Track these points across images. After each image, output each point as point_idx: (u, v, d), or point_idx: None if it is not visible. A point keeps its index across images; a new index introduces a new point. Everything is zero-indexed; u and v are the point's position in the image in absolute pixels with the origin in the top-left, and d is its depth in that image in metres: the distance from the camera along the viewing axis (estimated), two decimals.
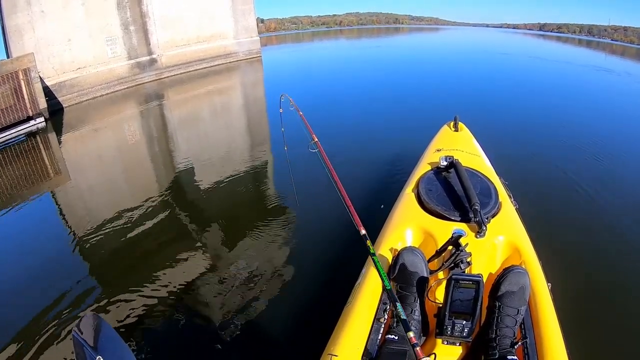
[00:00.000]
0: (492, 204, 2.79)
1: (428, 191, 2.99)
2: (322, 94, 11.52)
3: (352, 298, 2.22)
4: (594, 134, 7.55)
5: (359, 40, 33.36)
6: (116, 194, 5.82)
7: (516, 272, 1.93)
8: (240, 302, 3.34)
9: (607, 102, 10.58)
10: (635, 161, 6.39)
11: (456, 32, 41.89)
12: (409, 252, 2.12)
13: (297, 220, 4.71)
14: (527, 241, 2.59)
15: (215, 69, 16.44)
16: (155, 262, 3.98)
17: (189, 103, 11.84)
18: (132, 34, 13.18)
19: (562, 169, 5.85)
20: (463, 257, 2.18)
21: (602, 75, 15.78)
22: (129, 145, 8.17)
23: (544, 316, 1.99)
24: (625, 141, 7.26)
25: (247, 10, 17.83)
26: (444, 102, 9.84)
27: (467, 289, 1.84)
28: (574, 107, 9.78)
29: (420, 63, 18.26)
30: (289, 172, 5.88)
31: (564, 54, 25.38)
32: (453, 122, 4.45)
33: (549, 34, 44.70)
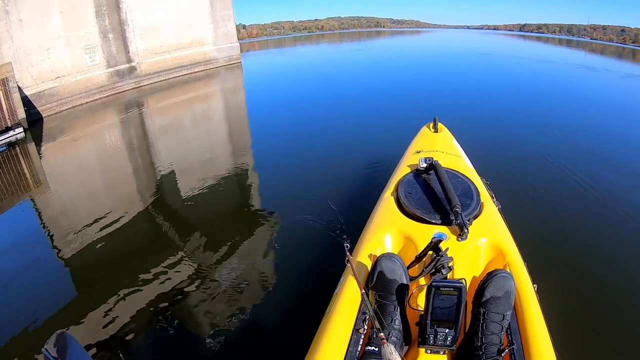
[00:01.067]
0: (473, 205, 2.76)
1: (407, 194, 2.95)
2: (303, 98, 11.90)
3: (331, 308, 2.18)
4: (575, 130, 7.78)
5: (341, 44, 33.80)
6: (97, 203, 5.83)
7: (500, 277, 1.88)
8: (220, 313, 3.38)
9: (588, 100, 10.98)
10: (618, 156, 6.52)
11: (437, 34, 42.68)
12: (386, 258, 2.04)
13: (278, 227, 4.75)
14: (510, 242, 2.56)
15: (195, 75, 16.59)
16: (137, 271, 4.01)
17: (170, 110, 11.96)
18: (111, 42, 13.29)
19: (544, 166, 6.00)
20: (444, 262, 2.17)
21: (583, 73, 16.35)
22: (109, 154, 8.25)
23: (531, 320, 1.97)
24: (607, 137, 7.50)
25: (226, 17, 18.04)
26: (425, 103, 10.23)
27: (449, 295, 1.79)
28: (555, 105, 10.12)
29: (401, 65, 18.77)
30: (271, 179, 6.22)
31: (545, 53, 26.17)
32: (432, 123, 4.43)
33: (529, 34, 45.59)
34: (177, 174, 6.62)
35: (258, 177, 6.36)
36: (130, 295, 3.67)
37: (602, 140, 7.21)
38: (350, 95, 11.83)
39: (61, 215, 5.56)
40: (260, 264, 4.06)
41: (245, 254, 4.25)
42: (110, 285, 3.84)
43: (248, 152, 7.57)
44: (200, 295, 3.63)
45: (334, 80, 14.86)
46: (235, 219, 5.19)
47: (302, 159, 6.74)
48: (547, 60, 20.45)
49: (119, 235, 4.77)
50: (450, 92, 11.87)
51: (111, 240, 4.68)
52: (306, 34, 45.85)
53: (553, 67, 17.87)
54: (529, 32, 46.85)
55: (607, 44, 38.01)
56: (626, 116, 9.26)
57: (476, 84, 13.27)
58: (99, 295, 3.70)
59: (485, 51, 24.03)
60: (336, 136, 7.94)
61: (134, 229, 4.96)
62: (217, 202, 5.64)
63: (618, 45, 36.88)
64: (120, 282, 3.87)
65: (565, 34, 43.94)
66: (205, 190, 5.84)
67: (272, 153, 7.24)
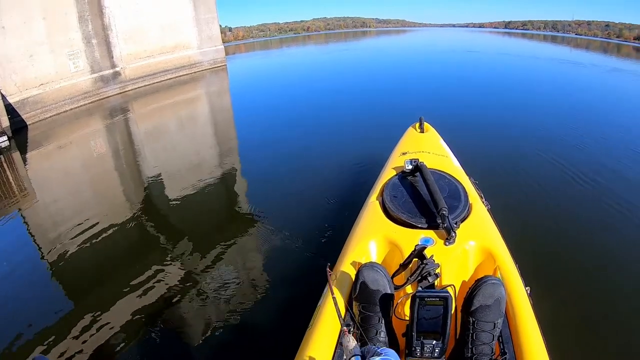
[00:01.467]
0: (461, 206, 2.70)
1: (393, 198, 2.87)
2: (289, 100, 12.04)
3: (314, 321, 2.11)
4: (564, 125, 7.90)
5: (327, 45, 33.79)
6: (84, 211, 5.79)
7: (490, 284, 1.81)
8: (204, 323, 3.39)
9: (576, 95, 11.13)
10: (610, 150, 6.54)
11: (423, 33, 42.90)
12: (368, 268, 1.97)
13: (264, 232, 4.75)
14: (501, 244, 2.50)
15: (180, 79, 16.65)
16: (126, 278, 4.01)
17: (155, 115, 12.01)
18: (94, 47, 13.30)
19: (534, 162, 6.02)
20: (430, 269, 2.08)
21: (568, 68, 16.62)
22: (95, 160, 8.28)
23: (524, 327, 1.91)
24: (598, 132, 7.59)
25: (210, 19, 18.12)
26: (412, 103, 10.31)
27: (434, 306, 1.75)
28: (543, 100, 10.26)
29: (387, 65, 18.96)
30: (257, 182, 6.27)
31: (530, 49, 26.43)
32: (418, 124, 4.35)
33: (515, 31, 46.13)
34: (164, 179, 6.65)
35: (244, 181, 6.40)
36: (119, 303, 3.67)
37: (592, 134, 7.35)
38: (337, 96, 12.00)
39: (48, 224, 5.55)
40: (246, 272, 4.07)
41: (232, 260, 4.26)
42: (99, 293, 3.85)
43: (234, 155, 7.66)
44: (187, 303, 3.64)
45: (320, 81, 15.01)
46: (222, 224, 5.23)
47: (289, 162, 6.84)
48: (533, 57, 20.76)
49: (107, 243, 4.79)
50: (436, 91, 12.06)
51: (99, 247, 4.70)
52: (292, 35, 45.94)
53: (539, 63, 18.15)
54: (514, 29, 47.39)
55: (592, 39, 38.62)
56: (614, 111, 9.41)
57: (462, 82, 13.43)
58: (88, 303, 3.72)
59: (470, 49, 24.26)
60: (323, 138, 8.06)
61: (122, 236, 4.97)
62: (204, 206, 5.68)
63: (603, 40, 37.48)
64: (109, 290, 3.88)
65: (550, 30, 44.55)
66: (192, 195, 5.87)
67: (259, 156, 7.33)
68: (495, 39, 36.00)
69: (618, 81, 13.88)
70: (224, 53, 19.19)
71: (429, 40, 33.73)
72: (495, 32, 45.62)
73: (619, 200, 4.82)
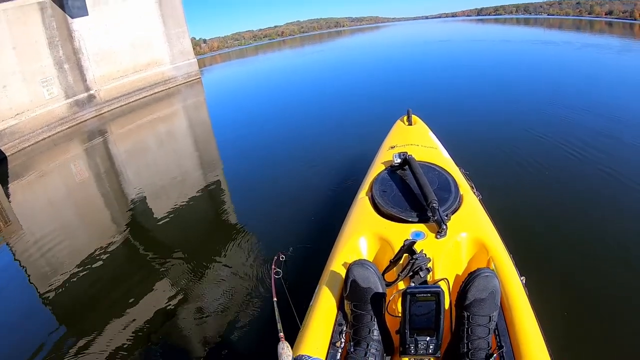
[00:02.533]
0: (452, 198, 2.70)
1: (382, 193, 2.87)
2: (268, 106, 12.38)
3: (306, 321, 2.11)
4: (551, 110, 7.81)
5: (302, 48, 34.36)
6: (72, 236, 5.86)
7: (483, 277, 1.80)
8: (197, 337, 3.43)
9: (557, 75, 11.32)
10: (598, 133, 6.42)
11: (397, 28, 43.91)
12: (358, 266, 1.97)
13: (253, 240, 4.74)
14: (494, 234, 2.50)
15: (155, 96, 16.83)
16: (120, 301, 4.01)
17: (134, 135, 12.10)
18: (67, 72, 13.48)
19: (524, 147, 5.98)
20: (421, 264, 2.09)
21: (545, 48, 17.12)
22: (78, 185, 8.32)
23: (520, 318, 1.91)
24: (582, 111, 7.56)
25: (180, 34, 18.42)
26: (394, 97, 10.55)
27: (427, 302, 1.75)
28: (525, 84, 10.44)
29: (365, 61, 19.47)
30: (243, 191, 6.41)
31: (505, 34, 27.21)
32: (406, 116, 4.34)
33: (487, 17, 47.31)
34: (148, 198, 6.72)
35: (229, 191, 6.50)
36: (114, 327, 3.67)
37: (578, 113, 7.40)
38: (318, 97, 12.43)
39: (36, 253, 5.50)
40: (238, 283, 4.07)
41: (222, 274, 4.26)
42: (91, 318, 3.87)
43: (217, 167, 7.76)
44: (181, 320, 3.65)
45: (299, 84, 15.45)
46: (210, 238, 5.24)
47: (274, 167, 6.99)
48: (510, 41, 21.46)
49: (96, 267, 4.81)
50: (418, 82, 12.46)
51: (88, 272, 4.71)
52: (267, 41, 46.58)
53: (515, 47, 18.74)
54: (486, 15, 48.41)
55: (564, 18, 39.82)
56: (599, 89, 9.41)
57: (442, 72, 13.80)
58: (80, 328, 3.75)
59: (444, 39, 25.03)
60: (307, 140, 8.23)
61: (111, 259, 4.97)
62: (191, 222, 5.71)
63: (575, 18, 38.61)
64: (101, 314, 3.89)
65: (522, 13, 45.65)
66: (178, 211, 5.91)
67: (242, 165, 7.49)
68: (468, 26, 36.91)
69: (598, 57, 14.23)
70: (197, 66, 19.50)
71: (404, 34, 34.52)
72: (469, 20, 46.65)
73: (613, 184, 4.82)
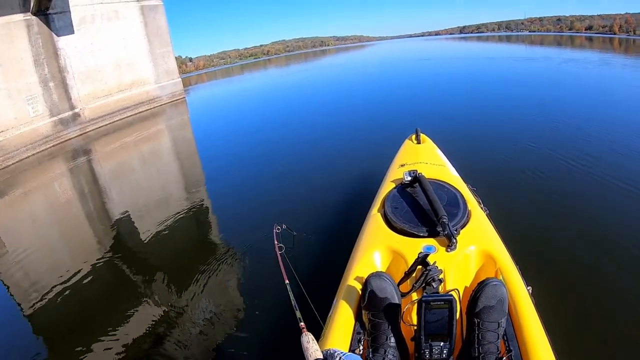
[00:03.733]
0: (460, 214, 2.83)
1: (394, 209, 3.01)
2: (252, 126, 12.67)
3: (326, 330, 2.24)
4: (548, 122, 8.25)
5: (287, 67, 34.97)
6: (56, 256, 5.88)
7: (491, 285, 1.95)
8: (203, 348, 3.46)
9: (551, 90, 11.76)
10: (601, 146, 6.61)
11: (381, 46, 44.84)
12: (376, 277, 2.12)
13: (239, 258, 4.79)
14: (501, 247, 2.63)
15: (140, 116, 17.09)
16: (105, 322, 3.99)
17: (118, 154, 12.22)
18: (52, 90, 13.68)
19: (528, 164, 6.14)
20: (434, 275, 2.20)
21: (535, 64, 18.13)
22: (62, 204, 8.39)
23: (527, 323, 2.04)
24: (585, 126, 7.80)
25: (165, 53, 18.84)
26: (395, 113, 11.01)
27: (440, 309, 1.88)
28: (521, 101, 10.80)
29: (352, 81, 20.05)
30: (229, 210, 6.50)
31: (489, 51, 28.52)
32: (415, 135, 4.54)
33: (470, 35, 48.86)
34: (132, 217, 6.76)
35: (215, 209, 6.56)
36: (100, 348, 3.67)
37: (580, 128, 7.65)
38: (301, 117, 12.82)
39: (19, 273, 5.51)
40: (232, 298, 4.10)
41: (210, 293, 4.25)
42: (79, 340, 3.82)
43: (202, 187, 7.87)
44: (168, 341, 3.62)
45: (284, 105, 15.76)
46: (196, 256, 5.21)
47: (258, 186, 7.19)
48: (493, 57, 22.56)
49: (83, 287, 4.78)
50: (409, 101, 12.89)
51: (75, 292, 4.69)
52: (253, 60, 47.33)
53: (504, 63, 19.70)
54: (469, 33, 49.81)
55: (545, 34, 41.32)
56: (596, 104, 9.75)
57: (435, 89, 14.42)
58: (65, 350, 3.76)
59: (427, 57, 26.07)
60: (290, 159, 8.45)
61: (96, 278, 4.97)
62: (177, 241, 5.73)
63: (555, 34, 40.14)
64: (90, 335, 3.86)
65: (504, 31, 47.27)
66: (163, 230, 5.90)
67: (227, 184, 7.62)
68: (452, 44, 38.06)
69: (590, 72, 14.87)
70: (182, 86, 19.89)
71: (387, 53, 35.45)
72: (451, 38, 48.00)
73: (617, 197, 4.97)
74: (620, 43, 28.12)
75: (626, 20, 36.82)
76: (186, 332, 3.70)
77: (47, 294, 4.69)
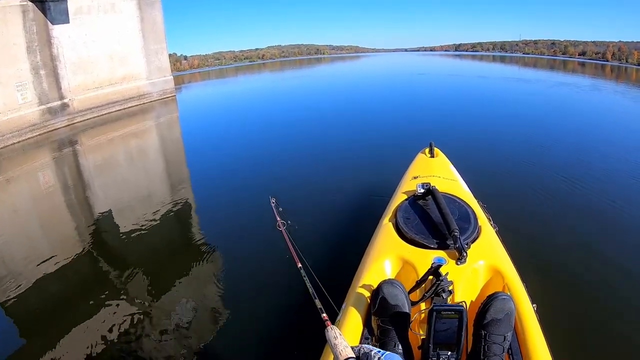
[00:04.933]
0: (471, 229, 2.91)
1: (406, 220, 3.09)
2: (242, 129, 12.91)
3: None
4: (563, 148, 8.63)
5: (282, 72, 35.28)
6: (35, 247, 5.85)
7: (501, 299, 2.01)
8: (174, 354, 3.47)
9: (574, 115, 12.45)
10: (610, 175, 6.95)
11: (377, 59, 45.48)
12: (388, 284, 2.17)
13: (220, 260, 4.94)
14: (509, 264, 2.71)
15: (129, 111, 17.15)
16: (82, 316, 4.01)
17: (104, 148, 12.29)
18: (42, 78, 13.68)
19: (537, 185, 6.43)
20: (444, 286, 2.27)
21: (541, 86, 19.14)
22: (45, 195, 8.37)
23: (531, 339, 2.10)
24: (597, 152, 8.27)
25: (159, 50, 18.95)
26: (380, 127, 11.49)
27: (450, 319, 1.94)
28: (527, 121, 11.43)
29: (347, 92, 20.43)
30: (212, 210, 6.68)
31: (485, 70, 29.69)
32: (429, 149, 4.68)
33: (465, 53, 49.93)
34: (115, 212, 6.81)
35: (198, 209, 6.72)
36: (75, 342, 3.68)
37: (593, 154, 8.04)
38: (293, 123, 13.00)
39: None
40: (209, 300, 4.18)
41: (190, 292, 4.35)
42: (52, 332, 3.83)
43: (187, 185, 8.13)
44: (145, 338, 3.67)
45: (275, 106, 16.26)
46: (177, 255, 5.36)
47: (242, 190, 7.32)
48: (486, 77, 23.61)
49: (60, 280, 4.82)
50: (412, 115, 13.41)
51: (52, 285, 4.73)
52: (247, 63, 47.57)
53: (504, 84, 20.73)
54: (464, 51, 50.80)
55: (539, 57, 42.34)
56: (609, 131, 10.37)
57: (444, 105, 14.87)
58: (40, 343, 3.72)
59: (424, 71, 27.03)
60: (275, 166, 8.68)
61: (75, 272, 5.00)
62: (158, 238, 5.83)
63: (549, 57, 41.08)
64: (64, 329, 3.87)
65: (499, 51, 48.26)
66: (145, 228, 6.01)
67: (212, 186, 7.90)
68: (448, 61, 38.97)
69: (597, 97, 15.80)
70: (173, 84, 20.02)
71: (385, 65, 36.35)
72: (446, 55, 48.89)
73: (626, 224, 5.22)
74: (612, 70, 29.24)
75: (619, 48, 37.89)
76: (156, 333, 3.75)
77: (22, 284, 4.71)
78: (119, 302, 4.26)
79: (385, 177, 5.40)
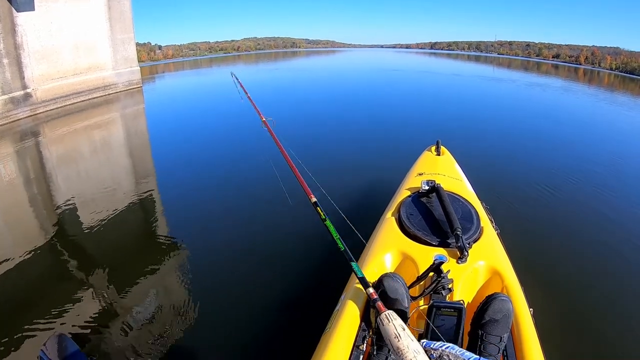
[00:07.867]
0: (473, 229, 2.98)
1: (409, 215, 3.17)
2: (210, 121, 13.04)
3: (331, 325, 2.35)
4: (570, 154, 8.95)
5: (257, 64, 35.62)
6: None
7: (500, 300, 2.04)
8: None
9: (581, 123, 13.03)
10: (613, 180, 7.24)
11: (352, 54, 46.22)
12: (389, 278, 2.16)
13: (184, 255, 5.03)
14: (508, 266, 2.77)
15: (93, 101, 17.32)
16: (41, 313, 3.97)
17: (68, 139, 12.33)
18: (5, 67, 13.78)
19: (540, 189, 6.65)
20: (445, 284, 2.32)
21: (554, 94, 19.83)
22: (4, 187, 8.27)
23: (527, 342, 2.14)
24: (603, 160, 8.57)
25: (126, 40, 19.22)
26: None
27: (449, 316, 2.01)
28: (542, 126, 11.98)
29: (325, 87, 21.33)
30: (177, 203, 6.90)
31: (460, 68, 31.00)
32: (435, 147, 4.81)
33: (440, 51, 51.10)
34: (78, 206, 6.81)
35: (163, 204, 6.85)
36: (35, 341, 3.59)
37: (601, 165, 8.29)
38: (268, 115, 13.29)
39: None
40: (175, 293, 4.26)
41: (155, 287, 4.42)
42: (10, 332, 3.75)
43: (152, 178, 8.29)
44: (116, 334, 3.69)
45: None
46: (143, 250, 5.45)
47: (211, 185, 7.61)
48: (460, 75, 24.39)
49: (20, 275, 4.76)
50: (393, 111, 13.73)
51: (9, 281, 4.66)
52: (222, 54, 47.85)
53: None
54: (439, 49, 51.83)
55: (514, 58, 43.57)
56: (607, 138, 11.00)
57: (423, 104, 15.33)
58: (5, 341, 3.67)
59: (396, 67, 28.63)
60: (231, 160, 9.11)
61: (35, 268, 4.95)
62: (123, 231, 5.93)
63: (523, 59, 42.41)
64: (21, 328, 3.79)
65: (474, 50, 49.54)
66: (109, 222, 6.05)
67: (179, 179, 8.07)
68: (421, 58, 40.32)
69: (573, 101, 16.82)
70: (139, 74, 20.33)
71: (361, 60, 37.51)
72: (422, 52, 49.94)
73: (626, 230, 5.40)
74: (584, 73, 30.63)
75: (592, 52, 39.54)
76: (135, 321, 3.85)
77: None
78: (83, 296, 4.29)
79: (387, 173, 5.69)
